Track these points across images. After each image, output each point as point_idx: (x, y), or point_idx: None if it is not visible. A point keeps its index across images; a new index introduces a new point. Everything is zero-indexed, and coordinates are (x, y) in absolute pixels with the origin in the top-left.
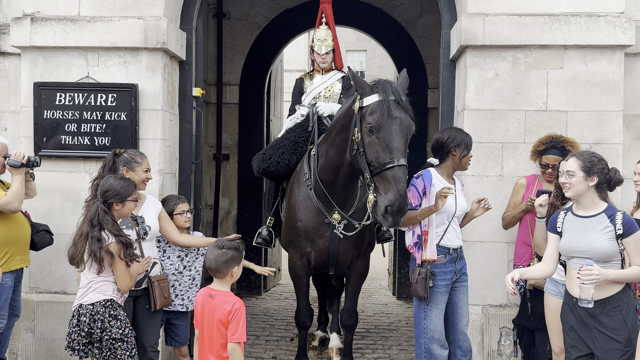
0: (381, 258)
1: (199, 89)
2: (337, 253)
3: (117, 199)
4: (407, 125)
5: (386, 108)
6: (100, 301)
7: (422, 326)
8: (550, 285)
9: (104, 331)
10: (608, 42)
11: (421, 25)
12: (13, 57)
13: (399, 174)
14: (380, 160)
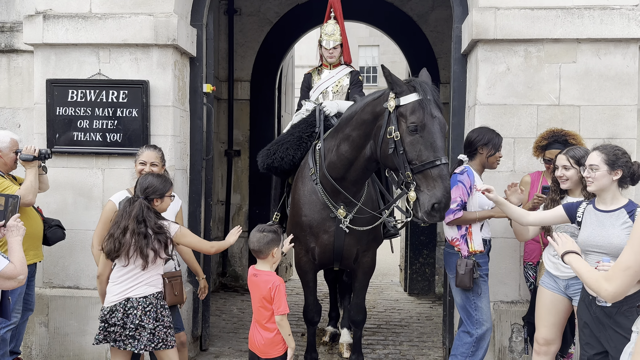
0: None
1: (209, 85)
2: (342, 248)
3: (156, 195)
4: (444, 124)
5: (429, 108)
6: (154, 294)
7: (474, 317)
8: (548, 279)
9: (158, 321)
10: (622, 35)
11: (433, 19)
12: (26, 54)
13: (445, 172)
14: (424, 159)
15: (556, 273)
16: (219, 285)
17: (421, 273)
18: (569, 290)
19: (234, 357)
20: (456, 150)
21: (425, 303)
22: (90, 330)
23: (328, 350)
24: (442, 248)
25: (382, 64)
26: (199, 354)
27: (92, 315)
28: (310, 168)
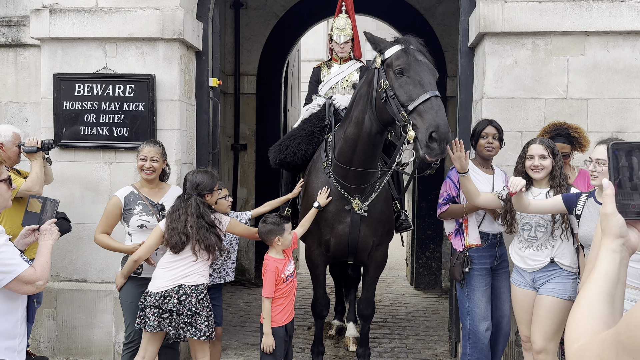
0: (399, 248)
1: (215, 79)
2: (358, 239)
3: (207, 191)
4: (431, 68)
5: (412, 53)
6: (204, 284)
7: (466, 309)
8: (516, 275)
9: (210, 310)
10: (631, 27)
11: (440, 12)
12: (33, 48)
13: (437, 103)
14: (414, 97)
15: (523, 266)
16: None
17: (427, 267)
18: (536, 283)
19: (241, 350)
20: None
21: (432, 297)
22: (98, 323)
23: (334, 343)
24: (449, 242)
25: (364, 31)
26: None
27: (100, 309)
28: (323, 161)
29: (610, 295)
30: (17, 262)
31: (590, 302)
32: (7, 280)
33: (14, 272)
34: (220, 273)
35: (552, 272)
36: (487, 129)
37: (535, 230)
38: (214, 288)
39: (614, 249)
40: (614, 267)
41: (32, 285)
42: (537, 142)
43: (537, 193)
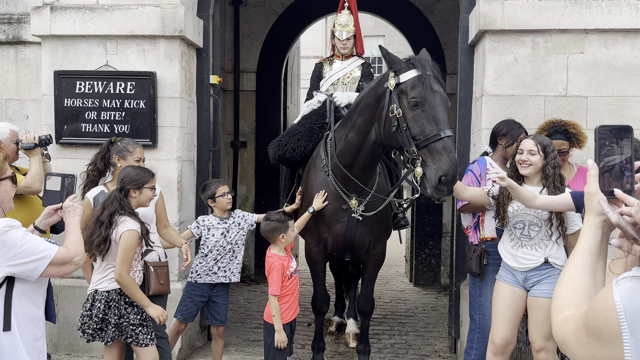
0: (398, 245)
1: (216, 77)
2: (354, 238)
3: (133, 185)
4: (445, 99)
5: (429, 82)
6: (116, 289)
7: (477, 303)
8: (505, 273)
9: (122, 317)
10: (630, 25)
11: (439, 9)
12: (34, 46)
13: (449, 144)
14: (427, 133)
15: (514, 265)
16: None
17: (427, 264)
18: (527, 282)
19: (241, 347)
20: (463, 142)
21: (431, 294)
22: None
23: (334, 340)
24: (448, 239)
25: (380, 44)
26: (207, 343)
27: None
28: (322, 159)
29: (592, 268)
30: (46, 247)
31: (573, 275)
32: (43, 267)
33: (47, 256)
34: (226, 272)
35: (546, 272)
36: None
37: (529, 228)
38: (220, 286)
39: (595, 225)
40: (596, 242)
41: (70, 264)
42: (529, 138)
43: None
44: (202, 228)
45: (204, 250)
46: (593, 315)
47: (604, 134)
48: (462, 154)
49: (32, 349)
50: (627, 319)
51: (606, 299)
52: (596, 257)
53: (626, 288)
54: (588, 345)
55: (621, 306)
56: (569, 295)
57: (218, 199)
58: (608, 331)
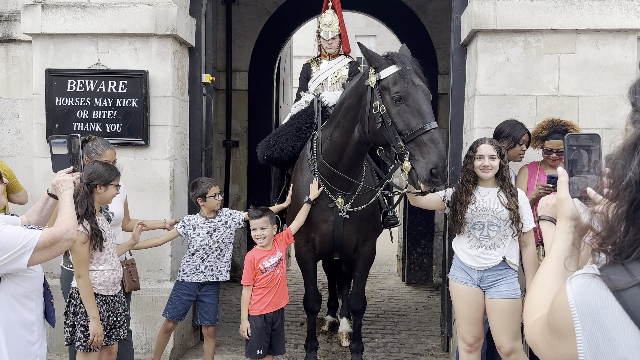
0: (390, 245)
1: (208, 76)
2: (342, 237)
3: (100, 182)
4: (427, 92)
5: (409, 76)
6: (75, 287)
7: None
8: (460, 273)
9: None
10: (621, 26)
11: (432, 9)
12: (24, 44)
13: (436, 136)
14: (413, 127)
15: (472, 264)
16: None
17: (419, 263)
18: (483, 282)
19: (234, 346)
20: (455, 141)
21: (423, 293)
22: None
23: (327, 339)
24: (440, 238)
25: (359, 42)
26: (200, 343)
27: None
28: (308, 159)
29: (563, 272)
30: (26, 235)
31: (544, 280)
32: (28, 256)
33: (30, 244)
34: (213, 271)
35: (501, 272)
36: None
37: (488, 229)
38: (208, 285)
39: (566, 230)
40: (567, 247)
41: (62, 241)
42: (486, 142)
43: (485, 193)
44: (188, 227)
45: (191, 249)
46: (552, 314)
47: (572, 142)
48: (455, 154)
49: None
50: (578, 314)
51: (562, 297)
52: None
53: (577, 285)
54: (551, 344)
55: (573, 302)
56: (539, 299)
57: (208, 199)
58: (565, 327)
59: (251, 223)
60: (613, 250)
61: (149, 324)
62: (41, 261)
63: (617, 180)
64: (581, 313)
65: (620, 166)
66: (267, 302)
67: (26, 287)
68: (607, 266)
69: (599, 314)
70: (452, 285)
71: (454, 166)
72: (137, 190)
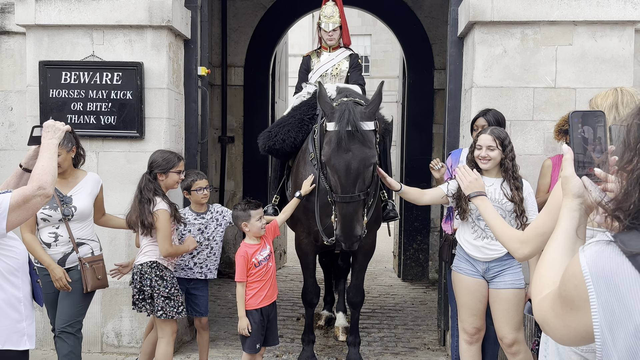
0: (386, 241)
1: (204, 68)
2: None
3: (159, 170)
4: (360, 159)
5: (335, 142)
6: (147, 262)
7: (451, 291)
8: (466, 265)
9: (153, 289)
10: (618, 17)
11: (427, 5)
12: (18, 36)
13: (346, 210)
14: (334, 191)
15: (478, 255)
16: None
17: (415, 259)
18: (488, 273)
19: (230, 341)
20: (452, 134)
21: (419, 288)
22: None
23: (324, 333)
24: (436, 234)
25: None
26: (195, 338)
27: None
28: (310, 152)
29: (570, 249)
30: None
31: (552, 257)
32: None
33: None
34: (202, 269)
35: (506, 262)
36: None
37: None
38: (196, 280)
39: (573, 207)
40: (573, 225)
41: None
42: (487, 133)
43: (490, 183)
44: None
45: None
46: (564, 285)
47: (577, 120)
48: (452, 146)
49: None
50: (593, 282)
51: (574, 266)
52: (574, 239)
53: (591, 252)
54: (563, 317)
55: (587, 270)
56: (547, 276)
57: (193, 193)
58: (579, 297)
59: (254, 214)
60: (628, 214)
61: (144, 318)
62: (20, 222)
63: (634, 142)
64: (595, 281)
65: (636, 127)
66: (263, 296)
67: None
68: (621, 233)
69: (614, 281)
70: (456, 277)
71: None
72: (132, 183)
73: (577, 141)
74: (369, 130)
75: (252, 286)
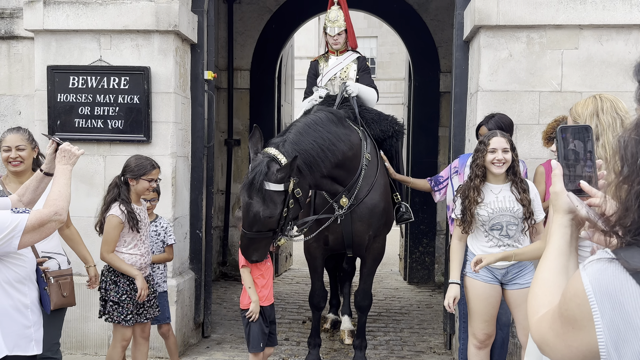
0: (392, 244)
1: (210, 72)
2: (352, 235)
3: (130, 175)
4: (255, 211)
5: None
6: (106, 266)
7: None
8: (483, 271)
9: (106, 292)
10: (624, 21)
11: (433, 8)
12: (26, 41)
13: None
14: None
15: (497, 264)
16: (220, 274)
17: (421, 262)
18: (507, 276)
19: (236, 344)
20: (458, 137)
21: (425, 291)
22: (92, 317)
23: (329, 337)
24: (442, 237)
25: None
26: (202, 341)
27: (94, 302)
28: None
29: (564, 267)
30: (12, 219)
31: (546, 276)
32: (17, 240)
33: (18, 227)
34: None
35: (522, 264)
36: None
37: (507, 229)
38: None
39: (564, 223)
40: (566, 241)
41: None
42: (498, 135)
43: (498, 190)
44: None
45: None
46: (566, 305)
47: (565, 135)
48: (457, 150)
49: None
50: (596, 301)
51: (576, 285)
52: (567, 256)
53: (594, 271)
54: (564, 337)
55: (590, 289)
56: (542, 296)
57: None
58: (582, 317)
59: None
60: (628, 230)
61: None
62: (32, 243)
63: (632, 158)
64: (599, 299)
65: (634, 142)
66: (266, 296)
67: (19, 272)
68: (622, 249)
69: (619, 299)
70: (470, 283)
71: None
72: None
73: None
74: (274, 191)
75: (255, 282)
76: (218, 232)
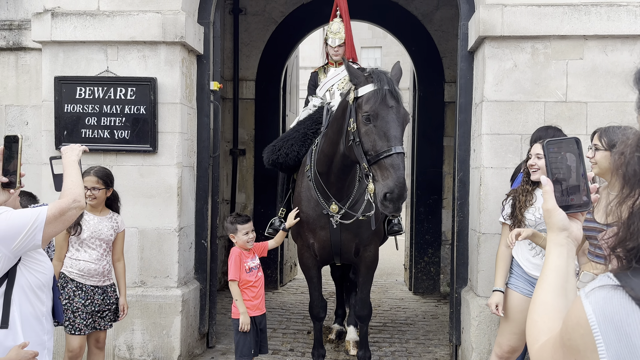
0: (396, 254)
1: (216, 83)
2: (339, 243)
3: None
4: (402, 114)
5: (381, 97)
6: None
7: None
8: (522, 282)
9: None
10: (629, 32)
11: (438, 18)
12: (34, 52)
13: (397, 162)
14: (378, 149)
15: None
16: (225, 284)
17: (426, 272)
18: None
19: None
20: (463, 147)
21: (431, 302)
22: None
23: (334, 347)
24: (447, 247)
25: (344, 57)
26: (206, 351)
27: None
28: (306, 165)
29: (563, 288)
30: (32, 213)
31: (544, 300)
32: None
33: (39, 220)
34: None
35: None
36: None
37: None
38: None
39: (559, 242)
40: (562, 261)
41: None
42: (539, 142)
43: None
44: None
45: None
46: (568, 334)
47: (553, 149)
48: (463, 160)
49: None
50: (601, 332)
51: (578, 314)
52: (565, 276)
53: (597, 299)
54: None
55: (594, 319)
56: (542, 322)
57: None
58: (585, 347)
59: (240, 228)
60: (632, 253)
61: (156, 331)
62: (55, 234)
63: (634, 177)
64: (604, 330)
65: (637, 159)
66: (256, 305)
67: (39, 279)
68: (626, 275)
69: (625, 331)
70: (511, 295)
71: (462, 172)
72: (144, 196)
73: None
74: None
75: (246, 292)
76: (223, 241)
